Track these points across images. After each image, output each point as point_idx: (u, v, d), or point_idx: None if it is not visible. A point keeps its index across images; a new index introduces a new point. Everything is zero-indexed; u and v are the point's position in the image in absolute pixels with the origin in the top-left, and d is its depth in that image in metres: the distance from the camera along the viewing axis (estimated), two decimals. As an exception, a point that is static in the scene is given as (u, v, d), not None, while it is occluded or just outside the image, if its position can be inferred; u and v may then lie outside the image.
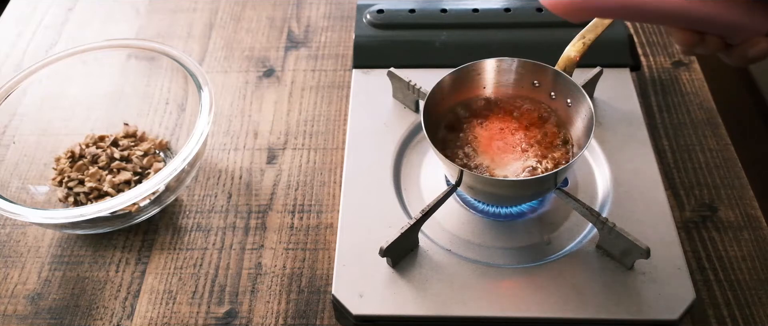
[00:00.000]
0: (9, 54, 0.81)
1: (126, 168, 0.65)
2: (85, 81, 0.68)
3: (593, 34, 0.58)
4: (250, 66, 0.78)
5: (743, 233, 0.60)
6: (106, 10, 0.86)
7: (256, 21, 0.83)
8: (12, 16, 0.87)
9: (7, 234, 0.63)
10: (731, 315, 0.55)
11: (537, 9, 0.70)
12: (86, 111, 0.69)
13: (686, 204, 0.62)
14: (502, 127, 0.58)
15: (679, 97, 0.71)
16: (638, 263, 0.52)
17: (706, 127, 0.69)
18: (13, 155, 0.64)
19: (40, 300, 0.58)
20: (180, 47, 0.80)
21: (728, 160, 0.66)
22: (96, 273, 0.60)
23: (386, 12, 0.70)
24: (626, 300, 0.50)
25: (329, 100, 0.73)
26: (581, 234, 0.55)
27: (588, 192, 0.58)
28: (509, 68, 0.58)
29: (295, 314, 0.56)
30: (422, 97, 0.61)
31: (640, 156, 0.60)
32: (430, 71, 0.61)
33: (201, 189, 0.66)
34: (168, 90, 0.70)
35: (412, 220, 0.52)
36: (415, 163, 0.62)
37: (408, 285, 0.52)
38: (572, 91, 0.55)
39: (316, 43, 0.80)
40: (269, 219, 0.63)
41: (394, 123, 0.64)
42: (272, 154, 0.68)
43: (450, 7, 0.71)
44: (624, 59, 0.68)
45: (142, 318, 0.57)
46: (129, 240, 0.62)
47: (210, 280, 0.59)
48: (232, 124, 0.72)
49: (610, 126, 0.62)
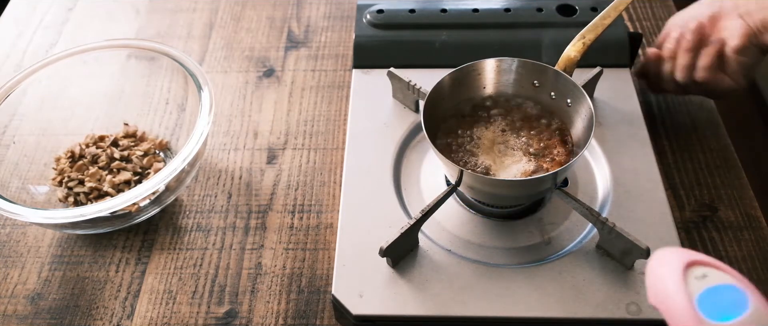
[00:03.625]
0: (9, 54, 0.81)
1: (126, 168, 0.65)
2: (85, 81, 0.68)
3: (593, 34, 0.58)
4: (250, 66, 0.78)
5: (743, 233, 0.60)
6: (106, 10, 0.86)
7: (256, 21, 0.83)
8: (12, 16, 0.87)
9: (7, 234, 0.63)
10: (731, 315, 0.55)
11: (537, 9, 0.70)
12: (86, 111, 0.70)
13: (686, 204, 0.62)
14: (502, 127, 0.58)
15: (679, 96, 0.71)
16: (638, 263, 0.52)
17: (706, 127, 0.68)
18: (13, 155, 0.64)
19: (40, 300, 0.58)
20: (180, 47, 0.80)
21: (728, 160, 0.66)
22: (96, 273, 0.60)
23: (386, 12, 0.70)
24: (626, 300, 0.50)
25: (329, 100, 0.73)
26: (581, 234, 0.55)
27: (588, 192, 0.58)
28: (509, 68, 0.58)
29: (295, 314, 0.56)
30: (422, 97, 0.61)
31: (640, 156, 0.60)
32: (430, 71, 0.61)
33: (201, 189, 0.66)
34: (168, 90, 0.70)
35: (412, 220, 0.52)
36: (415, 162, 0.61)
37: (408, 285, 0.52)
38: (572, 91, 0.55)
39: (316, 43, 0.80)
40: (269, 219, 0.63)
41: (394, 123, 0.64)
42: (272, 154, 0.68)
43: (450, 7, 0.71)
44: (624, 59, 0.68)
45: (142, 318, 0.57)
46: (129, 240, 0.62)
47: (210, 280, 0.59)
48: (232, 124, 0.72)
49: (610, 126, 0.62)
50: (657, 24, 0.80)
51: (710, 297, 0.34)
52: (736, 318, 0.34)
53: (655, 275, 0.37)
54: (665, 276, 0.36)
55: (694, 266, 0.35)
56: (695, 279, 0.35)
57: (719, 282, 0.34)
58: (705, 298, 0.34)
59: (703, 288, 0.34)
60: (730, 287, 0.34)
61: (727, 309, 0.34)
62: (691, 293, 0.34)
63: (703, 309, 0.34)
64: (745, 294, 0.34)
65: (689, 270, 0.35)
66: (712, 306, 0.34)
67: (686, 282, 0.35)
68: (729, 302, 0.34)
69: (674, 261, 0.36)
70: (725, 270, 0.35)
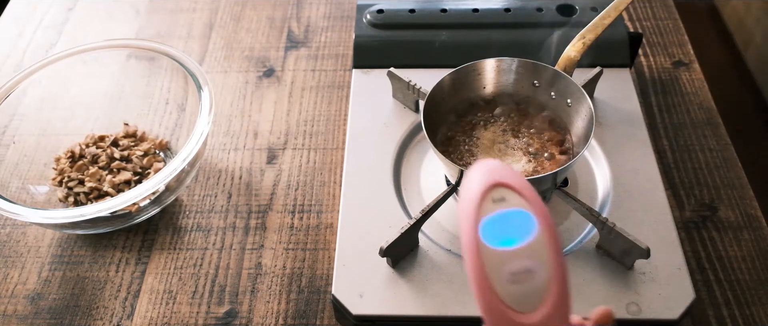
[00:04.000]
0: (9, 54, 0.81)
1: (126, 168, 0.65)
2: (85, 81, 0.68)
3: (593, 34, 0.58)
4: (250, 66, 0.78)
5: (743, 233, 0.60)
6: (106, 10, 0.86)
7: (256, 21, 0.83)
8: (12, 16, 0.87)
9: (7, 234, 0.63)
10: (731, 315, 0.55)
11: (537, 9, 0.70)
12: (86, 111, 0.70)
13: (686, 204, 0.62)
14: (501, 127, 0.58)
15: (679, 97, 0.71)
16: (638, 263, 0.52)
17: (706, 127, 0.69)
18: (13, 155, 0.64)
19: (40, 300, 0.58)
20: (180, 47, 0.80)
21: (728, 160, 0.66)
22: (96, 273, 0.60)
23: (386, 12, 0.70)
24: (626, 300, 0.50)
25: (329, 100, 0.73)
26: (581, 234, 0.55)
27: (588, 193, 0.58)
28: (509, 68, 0.58)
29: (295, 314, 0.56)
30: (422, 97, 0.61)
31: (640, 156, 0.60)
32: (430, 71, 0.61)
33: (201, 189, 0.66)
34: (168, 90, 0.70)
35: (412, 220, 0.52)
36: (415, 162, 0.62)
37: (408, 285, 0.52)
38: (572, 91, 0.55)
39: (316, 43, 0.80)
40: (269, 219, 0.63)
41: (394, 123, 0.64)
42: (272, 154, 0.68)
43: (450, 7, 0.71)
44: (624, 59, 0.68)
45: (142, 318, 0.57)
46: (129, 240, 0.62)
47: (210, 280, 0.59)
48: (232, 124, 0.72)
49: (610, 126, 0.62)
50: (657, 24, 0.80)
51: (500, 221, 0.34)
52: (515, 244, 0.33)
53: (461, 191, 0.36)
54: (463, 194, 0.35)
55: (496, 188, 0.34)
56: (492, 201, 0.34)
57: (512, 207, 0.34)
58: (495, 222, 0.34)
59: (495, 212, 0.34)
60: (521, 212, 0.34)
61: (513, 234, 0.34)
62: (480, 216, 0.34)
63: (486, 232, 0.34)
64: (535, 221, 0.34)
65: (491, 192, 0.34)
66: (498, 230, 0.34)
67: (482, 204, 0.34)
68: (516, 227, 0.34)
69: (478, 179, 0.35)
70: (524, 194, 0.34)
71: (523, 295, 0.34)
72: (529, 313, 0.34)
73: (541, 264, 0.34)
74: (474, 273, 0.34)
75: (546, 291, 0.34)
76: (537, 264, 0.34)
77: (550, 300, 0.34)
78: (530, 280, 0.34)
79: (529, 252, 0.34)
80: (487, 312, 0.34)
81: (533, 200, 0.34)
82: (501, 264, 0.34)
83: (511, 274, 0.34)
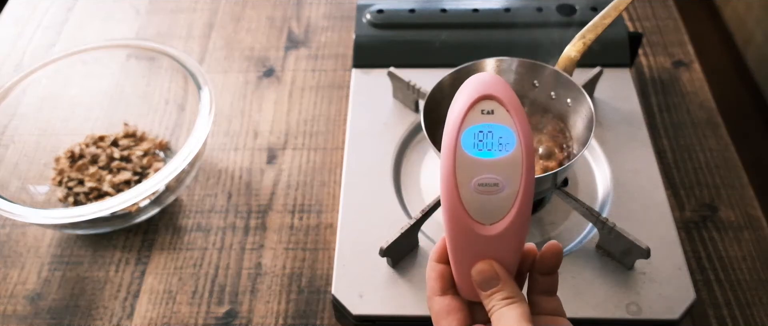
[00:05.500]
0: (9, 54, 0.81)
1: (126, 168, 0.65)
2: (85, 81, 0.68)
3: (593, 33, 0.58)
4: (250, 66, 0.78)
5: (743, 233, 0.60)
6: (106, 10, 0.86)
7: (256, 21, 0.83)
8: (12, 16, 0.87)
9: (7, 234, 0.63)
10: (731, 315, 0.55)
11: (537, 9, 0.70)
12: (86, 111, 0.70)
13: (686, 204, 0.62)
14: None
15: (679, 97, 0.71)
16: (638, 263, 0.52)
17: (706, 127, 0.69)
18: (13, 155, 0.64)
19: (39, 300, 0.58)
20: (180, 47, 0.80)
21: (728, 160, 0.66)
22: (96, 273, 0.60)
23: (386, 12, 0.70)
24: (626, 300, 0.50)
25: (329, 100, 0.73)
26: (581, 234, 0.55)
27: (588, 193, 0.58)
28: (509, 68, 0.58)
29: (295, 314, 0.56)
30: (422, 97, 0.61)
31: (640, 156, 0.60)
32: (430, 71, 0.61)
33: (201, 189, 0.66)
34: (168, 90, 0.70)
35: (412, 220, 0.52)
36: (415, 162, 0.61)
37: (408, 285, 0.52)
38: (572, 91, 0.55)
39: (316, 43, 0.80)
40: (269, 219, 0.63)
41: (394, 123, 0.64)
42: (272, 154, 0.68)
43: (450, 7, 0.70)
44: (624, 59, 0.68)
45: (142, 318, 0.57)
46: (129, 240, 0.62)
47: (210, 280, 0.59)
48: (232, 124, 0.72)
49: (610, 126, 0.62)
50: (657, 24, 0.80)
51: (483, 132, 0.35)
52: (490, 157, 0.35)
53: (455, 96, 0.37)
54: (455, 97, 0.36)
55: (487, 99, 0.35)
56: (482, 112, 0.35)
57: (498, 122, 0.35)
58: (478, 132, 0.35)
59: (480, 122, 0.35)
60: (504, 128, 0.35)
61: (491, 147, 0.35)
62: (466, 122, 0.35)
63: (467, 139, 0.35)
64: (515, 140, 0.35)
65: (482, 102, 0.35)
66: (479, 140, 0.35)
67: (471, 112, 0.35)
68: (497, 142, 0.35)
69: (471, 87, 0.36)
70: (512, 112, 0.35)
71: (486, 208, 0.36)
72: (487, 225, 0.36)
73: (509, 182, 0.35)
74: (445, 174, 0.35)
75: (508, 209, 0.36)
76: (505, 181, 0.35)
77: (509, 219, 0.36)
78: (495, 194, 0.35)
79: (501, 167, 0.35)
80: (448, 216, 0.36)
81: (520, 120, 0.35)
82: (472, 173, 0.35)
83: (478, 185, 0.35)
